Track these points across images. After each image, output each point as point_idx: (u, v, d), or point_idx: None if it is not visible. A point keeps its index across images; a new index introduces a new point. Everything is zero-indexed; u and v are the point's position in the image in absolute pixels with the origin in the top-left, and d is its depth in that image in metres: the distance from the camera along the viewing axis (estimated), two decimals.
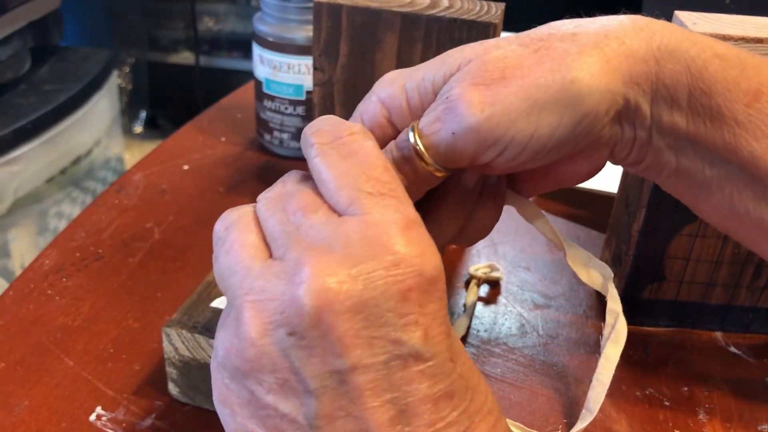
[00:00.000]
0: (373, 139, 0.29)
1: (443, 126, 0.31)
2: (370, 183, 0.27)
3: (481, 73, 0.30)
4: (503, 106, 0.30)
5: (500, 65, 0.31)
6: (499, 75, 0.30)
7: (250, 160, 0.71)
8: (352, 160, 0.28)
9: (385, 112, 0.34)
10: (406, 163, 0.32)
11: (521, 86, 0.30)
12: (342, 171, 0.28)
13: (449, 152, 0.31)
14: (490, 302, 0.53)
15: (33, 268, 0.54)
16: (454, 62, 0.32)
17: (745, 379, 0.48)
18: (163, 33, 2.14)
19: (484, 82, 0.30)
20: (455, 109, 0.30)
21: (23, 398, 0.43)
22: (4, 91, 1.21)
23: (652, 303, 0.50)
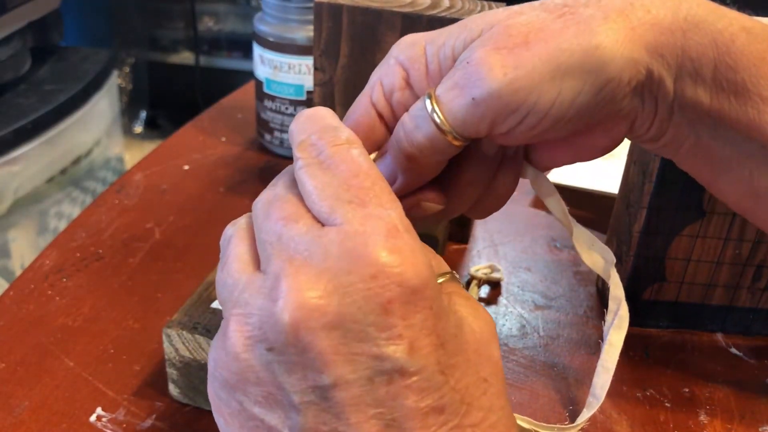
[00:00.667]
0: (359, 145, 0.29)
1: (462, 91, 0.30)
2: (351, 192, 0.27)
3: (503, 37, 0.29)
4: (526, 69, 0.29)
5: (523, 30, 0.29)
6: (522, 39, 0.29)
7: (250, 160, 0.71)
8: (335, 171, 0.28)
9: (404, 74, 0.33)
10: (421, 133, 0.31)
11: (545, 50, 0.29)
12: (324, 182, 0.27)
13: (468, 119, 0.30)
14: (491, 303, 0.53)
15: (33, 269, 0.54)
16: (476, 27, 0.31)
17: (746, 380, 0.48)
18: (163, 33, 2.14)
19: (507, 46, 0.29)
20: (476, 73, 0.29)
21: (23, 399, 0.43)
22: (4, 91, 1.21)
23: (653, 304, 0.50)
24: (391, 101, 0.33)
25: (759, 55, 0.30)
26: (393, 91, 0.33)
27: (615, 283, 0.38)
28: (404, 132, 0.31)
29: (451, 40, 0.32)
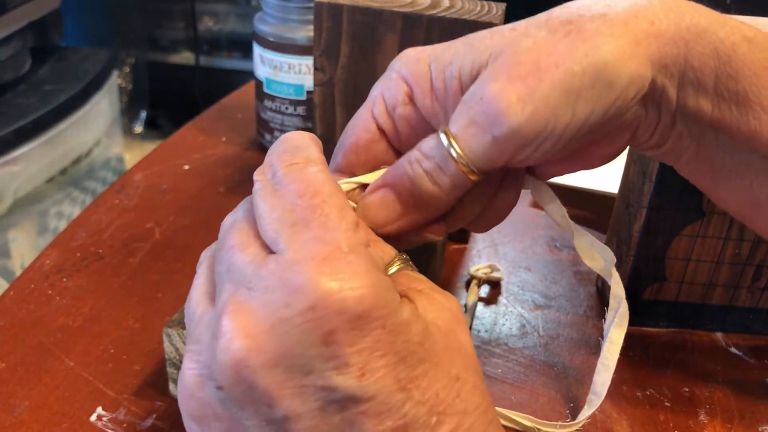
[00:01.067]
0: (318, 162, 0.28)
1: (483, 129, 0.29)
2: (296, 213, 0.26)
3: (514, 66, 0.29)
4: (542, 100, 0.29)
5: (533, 56, 0.29)
6: (533, 67, 0.29)
7: (250, 160, 0.71)
8: (283, 192, 0.27)
9: (408, 89, 0.33)
10: (439, 171, 0.31)
11: (556, 76, 0.29)
12: (272, 205, 0.27)
13: (490, 156, 0.30)
14: (491, 303, 0.53)
15: (33, 269, 0.54)
16: (484, 49, 0.31)
17: (746, 379, 0.48)
18: (163, 33, 2.14)
19: (519, 75, 0.29)
20: (495, 111, 0.29)
21: (24, 399, 0.43)
22: (4, 91, 1.21)
23: (653, 304, 0.50)
24: (393, 116, 0.33)
25: (760, 65, 0.30)
26: (396, 106, 0.33)
27: (616, 281, 0.38)
28: (425, 170, 0.31)
29: (457, 59, 0.32)
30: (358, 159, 0.34)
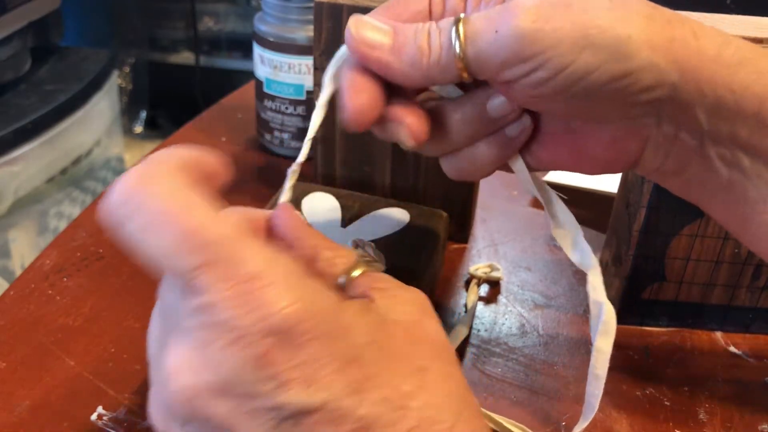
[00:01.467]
0: (168, 181, 0.25)
1: (490, 23, 0.30)
2: (186, 248, 0.24)
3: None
4: (555, 26, 0.29)
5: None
6: (564, 2, 0.30)
7: (250, 160, 0.71)
8: (156, 231, 0.24)
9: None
10: (438, 46, 0.31)
11: (580, 18, 0.29)
12: (154, 246, 0.24)
13: (484, 50, 0.30)
14: (491, 302, 0.53)
15: (33, 268, 0.54)
16: None
17: (746, 379, 0.48)
18: (164, 33, 2.14)
19: (551, 2, 0.30)
20: (510, 11, 0.30)
21: (24, 398, 0.43)
22: (4, 91, 1.21)
23: (653, 303, 0.50)
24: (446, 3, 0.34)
25: None
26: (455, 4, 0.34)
27: (594, 287, 0.37)
28: (429, 33, 0.32)
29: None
30: (400, 15, 0.34)
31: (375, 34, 0.32)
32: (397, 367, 0.26)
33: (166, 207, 0.24)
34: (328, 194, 0.52)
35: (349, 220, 0.50)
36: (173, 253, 0.24)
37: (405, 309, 0.28)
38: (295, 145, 0.70)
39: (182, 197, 0.24)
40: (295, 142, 0.70)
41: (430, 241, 0.48)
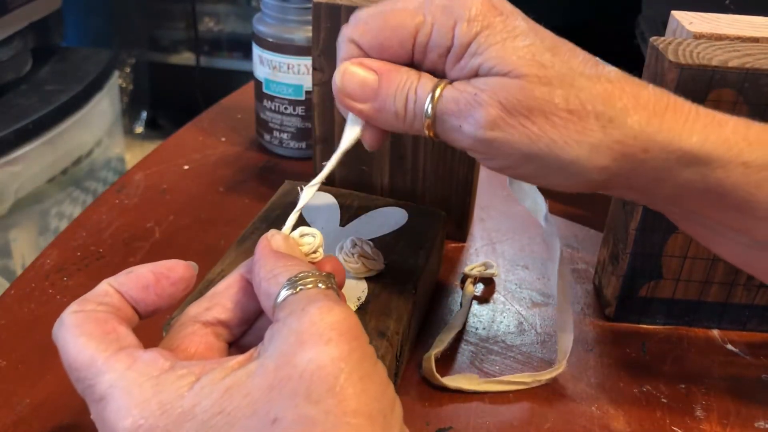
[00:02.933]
0: (72, 332, 0.30)
1: (458, 116, 0.33)
2: (73, 377, 0.29)
3: (515, 100, 0.32)
4: (510, 138, 0.33)
5: (534, 104, 0.32)
6: (526, 111, 0.32)
7: (250, 160, 0.71)
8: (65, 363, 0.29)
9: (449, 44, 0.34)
10: (411, 115, 0.35)
11: (536, 134, 0.32)
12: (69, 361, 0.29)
13: (448, 132, 0.34)
14: (487, 300, 0.54)
15: (34, 268, 0.54)
16: (512, 62, 0.33)
17: (742, 376, 0.48)
18: (164, 33, 2.14)
19: (512, 109, 0.32)
20: (474, 115, 0.33)
21: (25, 396, 0.43)
22: (5, 92, 1.21)
23: (650, 301, 0.51)
24: (428, 52, 0.35)
25: (755, 185, 0.33)
26: (436, 50, 0.34)
27: (549, 231, 0.44)
28: (408, 90, 0.34)
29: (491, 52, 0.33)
30: (380, 55, 0.36)
31: (358, 89, 0.35)
32: (247, 426, 0.26)
33: (66, 351, 0.30)
34: (327, 194, 0.52)
35: (348, 219, 0.50)
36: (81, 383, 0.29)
37: (284, 343, 0.27)
38: (294, 145, 0.70)
39: (76, 344, 0.29)
40: (294, 142, 0.70)
41: (428, 240, 0.48)
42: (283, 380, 0.26)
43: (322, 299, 0.28)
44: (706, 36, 0.46)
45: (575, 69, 0.33)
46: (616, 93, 0.33)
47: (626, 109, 0.33)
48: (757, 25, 0.48)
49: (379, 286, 0.43)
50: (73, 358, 0.29)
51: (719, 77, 0.42)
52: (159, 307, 0.32)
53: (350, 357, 0.26)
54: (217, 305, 0.33)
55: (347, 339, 0.27)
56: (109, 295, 0.31)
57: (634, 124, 0.32)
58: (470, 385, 0.45)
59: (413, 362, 0.47)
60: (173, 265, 0.33)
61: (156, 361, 0.28)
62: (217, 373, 0.28)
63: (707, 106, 0.42)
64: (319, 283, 0.29)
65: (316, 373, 0.26)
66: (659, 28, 0.74)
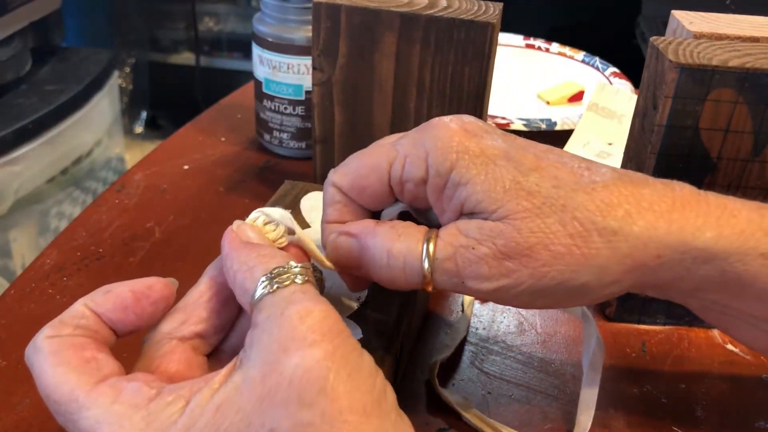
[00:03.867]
0: (49, 360, 0.29)
1: (458, 271, 0.32)
2: (52, 409, 0.28)
3: (514, 243, 0.31)
4: (516, 282, 0.32)
5: (532, 241, 0.31)
6: (527, 250, 0.31)
7: (250, 160, 0.71)
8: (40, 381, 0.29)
9: (425, 176, 0.34)
10: (409, 280, 0.34)
11: (542, 270, 0.31)
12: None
13: (449, 287, 0.33)
14: (488, 300, 0.54)
15: (34, 268, 0.54)
16: (494, 200, 0.32)
17: (742, 376, 0.48)
18: (164, 33, 2.14)
19: (513, 254, 0.31)
20: (476, 268, 0.32)
21: (24, 396, 0.43)
22: (5, 92, 1.21)
23: (650, 301, 0.51)
24: (403, 183, 0.34)
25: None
26: (409, 180, 0.34)
27: (586, 319, 0.41)
28: (401, 273, 0.33)
29: (471, 187, 0.32)
30: (361, 195, 0.36)
31: (344, 260, 0.35)
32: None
33: (43, 381, 0.29)
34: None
35: None
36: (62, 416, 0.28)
37: (267, 351, 0.27)
38: (294, 145, 0.70)
39: (54, 375, 0.28)
40: (294, 142, 0.70)
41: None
42: (273, 390, 0.26)
43: (300, 300, 0.28)
44: (706, 36, 0.46)
45: (565, 184, 0.32)
46: (614, 200, 0.31)
47: (629, 215, 0.31)
48: (757, 25, 0.48)
49: (379, 286, 0.43)
50: (51, 390, 0.28)
51: (719, 77, 0.42)
52: (138, 327, 0.32)
53: (335, 355, 0.26)
54: (191, 317, 0.32)
55: (330, 338, 0.27)
56: (86, 317, 0.30)
57: (641, 232, 0.31)
58: (463, 410, 0.43)
59: (413, 362, 0.47)
60: (152, 283, 0.32)
61: (141, 390, 0.28)
62: (205, 392, 0.27)
63: (707, 106, 0.42)
64: (296, 277, 0.29)
65: (304, 377, 0.26)
66: (659, 28, 0.74)
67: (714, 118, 0.43)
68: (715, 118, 0.43)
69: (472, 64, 0.50)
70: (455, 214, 0.33)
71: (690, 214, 0.31)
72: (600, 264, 0.31)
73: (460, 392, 0.45)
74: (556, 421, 0.44)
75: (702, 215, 0.31)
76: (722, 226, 0.31)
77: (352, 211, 0.36)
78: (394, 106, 0.52)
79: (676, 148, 0.44)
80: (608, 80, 0.85)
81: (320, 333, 0.27)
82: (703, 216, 0.31)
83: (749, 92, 0.42)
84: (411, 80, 0.51)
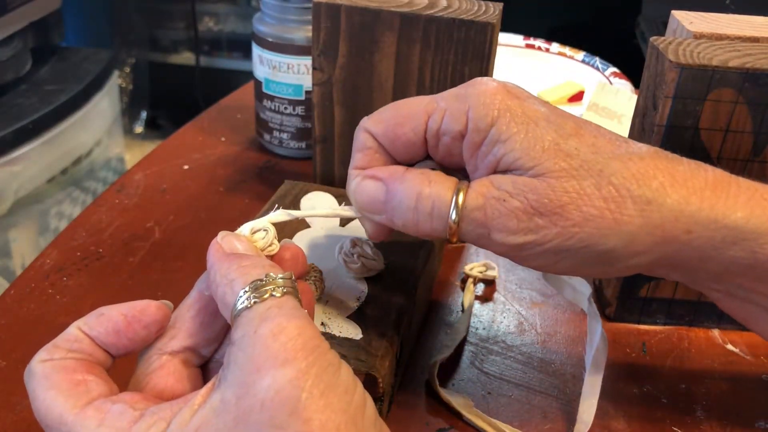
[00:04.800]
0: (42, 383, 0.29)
1: (486, 221, 0.32)
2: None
3: (547, 199, 0.31)
4: (543, 239, 0.32)
5: (567, 199, 0.31)
6: (558, 208, 0.31)
7: (249, 160, 0.71)
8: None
9: (463, 129, 0.34)
10: (435, 228, 0.33)
11: (571, 230, 0.31)
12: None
13: (474, 241, 0.33)
14: (487, 300, 0.54)
15: (34, 268, 0.54)
16: (531, 158, 0.32)
17: (743, 376, 0.48)
18: (164, 33, 2.14)
19: (544, 210, 0.31)
20: (504, 219, 0.32)
21: (24, 396, 0.43)
22: (5, 92, 1.21)
23: (650, 301, 0.51)
24: (440, 136, 0.34)
25: None
26: (447, 133, 0.34)
27: (591, 314, 0.41)
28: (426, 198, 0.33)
29: (511, 144, 0.32)
30: (393, 143, 0.35)
31: (368, 203, 0.35)
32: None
33: (36, 403, 0.30)
34: (327, 194, 0.52)
35: (348, 219, 0.50)
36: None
37: (241, 371, 0.27)
38: (294, 145, 0.70)
39: (45, 398, 0.29)
40: (294, 142, 0.70)
41: (427, 240, 0.48)
42: (246, 412, 0.26)
43: (275, 316, 0.27)
44: (706, 36, 0.46)
45: (603, 151, 0.32)
46: (650, 171, 0.32)
47: (663, 188, 0.31)
48: (757, 25, 0.48)
49: (379, 286, 0.43)
50: (43, 414, 0.29)
51: (719, 77, 0.42)
52: (131, 350, 0.32)
53: (308, 373, 0.26)
54: (180, 332, 0.32)
55: (303, 355, 0.26)
56: (79, 340, 0.30)
57: (673, 204, 0.31)
58: (464, 410, 0.43)
59: (413, 363, 0.47)
60: (145, 306, 0.31)
61: (125, 413, 0.28)
62: (185, 413, 0.27)
63: (707, 106, 0.42)
64: (275, 290, 0.28)
65: (276, 399, 0.25)
66: (659, 28, 0.74)
67: (714, 118, 0.43)
68: (715, 118, 0.43)
69: (472, 64, 0.50)
70: (488, 172, 0.33)
71: (721, 193, 0.32)
72: (630, 231, 0.31)
73: (460, 392, 0.45)
74: (556, 421, 0.44)
75: (732, 196, 0.32)
76: (753, 207, 0.32)
77: (382, 159, 0.36)
78: None
79: (676, 149, 0.44)
80: (608, 80, 0.85)
81: (293, 350, 0.26)
82: (733, 197, 0.32)
83: (749, 92, 0.42)
84: (411, 80, 0.51)
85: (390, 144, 0.35)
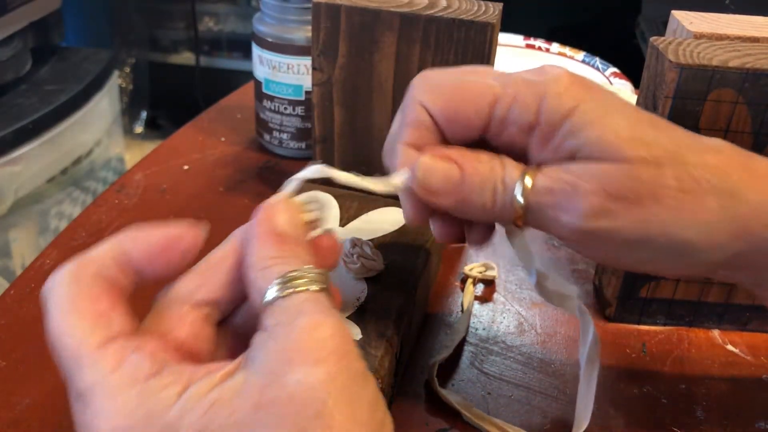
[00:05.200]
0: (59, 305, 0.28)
1: (556, 204, 0.31)
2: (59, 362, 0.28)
3: (622, 186, 0.30)
4: (615, 226, 0.31)
5: (644, 188, 0.30)
6: (634, 196, 0.30)
7: (249, 160, 0.71)
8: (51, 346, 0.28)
9: (535, 119, 0.32)
10: (499, 208, 0.32)
11: (646, 219, 0.30)
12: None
13: (543, 224, 0.32)
14: (487, 301, 0.54)
15: (34, 268, 0.54)
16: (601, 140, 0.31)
17: (743, 376, 0.48)
18: (164, 33, 2.14)
19: (618, 196, 0.30)
20: (575, 202, 0.31)
21: (24, 396, 0.43)
22: (4, 92, 1.21)
23: (650, 301, 0.51)
24: (506, 125, 0.33)
25: None
26: (516, 124, 0.32)
27: (581, 313, 0.39)
28: (496, 182, 0.32)
29: (581, 120, 0.31)
30: (450, 122, 0.33)
31: (441, 184, 0.33)
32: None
33: (52, 325, 0.28)
34: (327, 194, 0.52)
35: (348, 219, 0.50)
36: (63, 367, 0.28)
37: (272, 359, 0.26)
38: (294, 145, 0.70)
39: (64, 322, 0.28)
40: (293, 143, 0.70)
41: (427, 241, 0.48)
42: (271, 401, 0.25)
43: (311, 311, 0.27)
44: (706, 36, 0.46)
45: (681, 143, 0.31)
46: (729, 165, 0.31)
47: (743, 181, 0.31)
48: (757, 25, 0.48)
49: (379, 286, 0.43)
50: (57, 337, 0.27)
51: (719, 77, 0.42)
52: (164, 277, 0.30)
53: (338, 379, 0.25)
54: (208, 282, 0.30)
55: (336, 359, 0.26)
56: (111, 260, 0.29)
57: (755, 198, 0.31)
58: (463, 410, 0.43)
59: (413, 363, 0.47)
60: (182, 233, 0.30)
61: (143, 365, 0.27)
62: (203, 384, 0.26)
63: (707, 106, 0.42)
64: (311, 284, 0.28)
65: (305, 396, 0.25)
66: (659, 28, 0.74)
67: (714, 118, 0.43)
68: (715, 118, 0.43)
69: (472, 64, 0.50)
70: (558, 162, 0.32)
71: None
72: (709, 221, 0.30)
73: (459, 392, 0.45)
74: (556, 421, 0.44)
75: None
76: None
77: (431, 137, 0.34)
78: (394, 106, 0.52)
79: None
80: (608, 80, 0.85)
81: (327, 351, 0.26)
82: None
83: (749, 92, 0.42)
84: (411, 80, 0.51)
85: (446, 122, 0.33)
